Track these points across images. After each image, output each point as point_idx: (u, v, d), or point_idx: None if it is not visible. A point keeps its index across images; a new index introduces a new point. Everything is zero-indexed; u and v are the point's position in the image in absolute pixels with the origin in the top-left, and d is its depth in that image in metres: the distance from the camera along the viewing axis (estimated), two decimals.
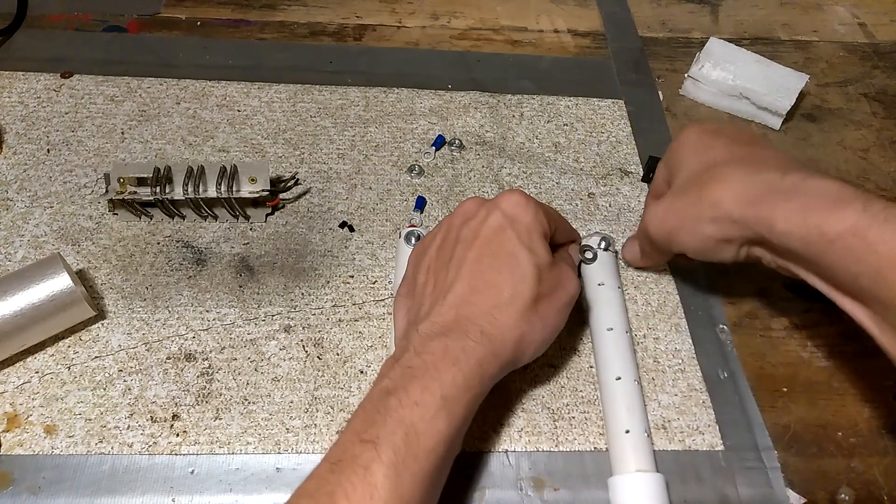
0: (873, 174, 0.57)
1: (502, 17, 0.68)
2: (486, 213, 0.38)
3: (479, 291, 0.36)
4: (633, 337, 0.45)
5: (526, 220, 0.38)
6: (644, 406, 0.40)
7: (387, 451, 0.30)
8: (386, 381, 0.33)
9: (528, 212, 0.38)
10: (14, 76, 0.56)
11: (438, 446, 0.31)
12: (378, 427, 0.31)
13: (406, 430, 0.30)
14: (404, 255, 0.44)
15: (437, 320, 0.35)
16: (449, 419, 0.32)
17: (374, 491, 0.29)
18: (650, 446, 0.38)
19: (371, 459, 0.29)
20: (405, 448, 0.30)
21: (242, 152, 0.53)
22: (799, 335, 0.47)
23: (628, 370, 0.41)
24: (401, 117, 0.57)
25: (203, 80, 0.57)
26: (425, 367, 0.33)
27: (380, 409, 0.32)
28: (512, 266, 0.36)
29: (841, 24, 0.71)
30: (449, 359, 0.33)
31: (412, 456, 0.30)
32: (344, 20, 0.65)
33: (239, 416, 0.40)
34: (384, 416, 0.31)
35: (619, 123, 0.58)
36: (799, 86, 0.58)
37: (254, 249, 0.47)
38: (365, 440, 0.30)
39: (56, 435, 0.38)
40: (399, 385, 0.32)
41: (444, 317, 0.35)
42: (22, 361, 0.41)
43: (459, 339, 0.34)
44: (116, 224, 0.48)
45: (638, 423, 0.38)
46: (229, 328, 0.43)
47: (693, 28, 0.69)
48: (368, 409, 0.32)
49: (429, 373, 0.32)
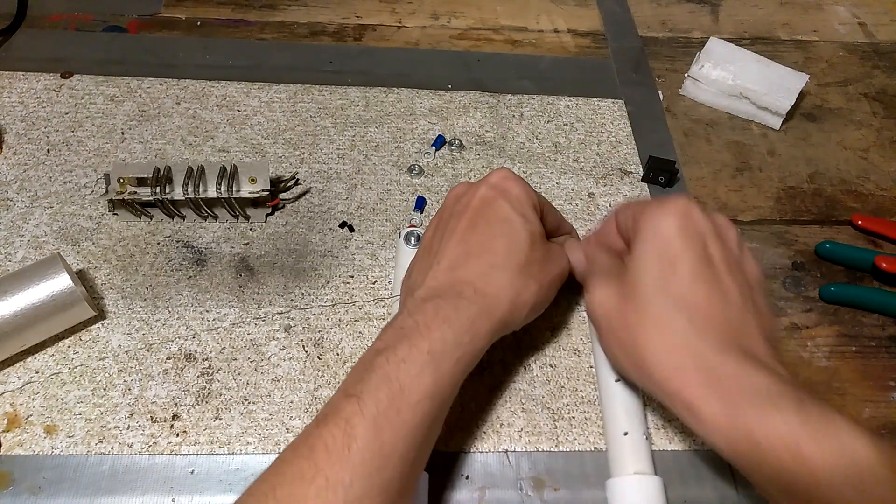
0: (873, 174, 0.57)
1: (502, 17, 0.68)
2: (476, 188, 0.39)
3: (473, 254, 0.36)
4: None
5: (516, 190, 0.39)
6: (643, 408, 0.40)
7: (369, 405, 0.30)
8: (378, 343, 0.34)
9: (517, 184, 0.39)
10: (14, 76, 0.56)
11: (423, 401, 0.31)
12: (363, 383, 0.31)
13: (390, 384, 0.31)
14: (404, 254, 0.44)
15: (432, 284, 0.36)
16: (436, 374, 0.32)
17: (353, 442, 0.29)
18: (648, 449, 0.38)
19: (353, 413, 0.30)
20: (387, 402, 0.30)
21: (242, 152, 0.53)
22: (799, 335, 0.47)
23: None
24: (401, 117, 0.57)
25: (203, 80, 0.57)
26: (416, 327, 0.33)
27: (367, 367, 0.32)
28: (506, 230, 0.37)
29: (841, 23, 0.71)
30: (440, 317, 0.33)
31: (395, 409, 0.30)
32: (344, 20, 0.65)
33: (239, 416, 0.40)
34: (370, 373, 0.32)
35: (619, 123, 0.58)
36: (799, 86, 0.58)
37: (254, 249, 0.47)
38: (349, 395, 0.31)
39: (56, 435, 0.38)
40: (389, 345, 0.33)
41: (439, 280, 0.36)
42: (22, 361, 0.41)
43: (452, 299, 0.34)
44: (116, 224, 0.48)
45: (636, 426, 0.38)
46: (229, 328, 0.43)
47: (693, 28, 0.69)
48: (358, 368, 0.33)
49: (419, 331, 0.33)
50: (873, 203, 0.55)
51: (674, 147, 0.57)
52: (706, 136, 0.59)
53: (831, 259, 0.51)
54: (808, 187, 0.55)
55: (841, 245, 0.51)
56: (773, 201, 0.54)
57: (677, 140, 0.58)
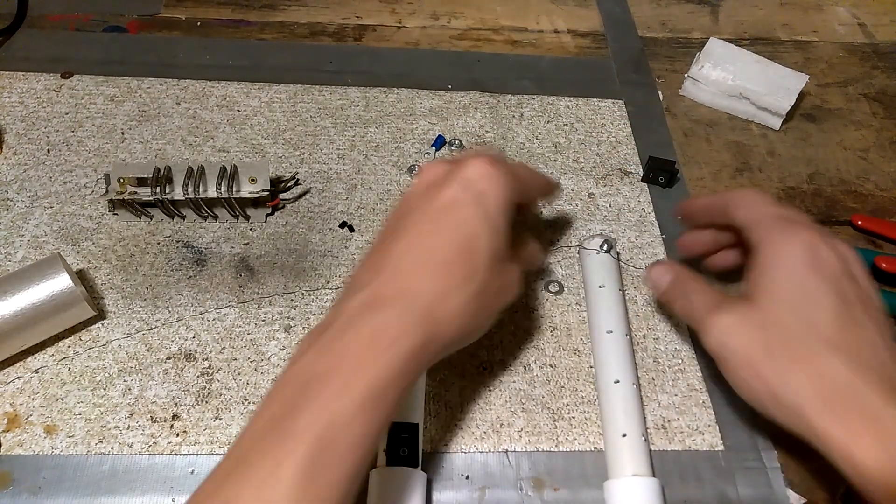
0: (873, 174, 0.57)
1: (502, 18, 0.68)
2: (449, 182, 0.34)
3: (428, 268, 0.32)
4: (633, 338, 0.45)
5: (494, 195, 0.34)
6: (642, 410, 0.40)
7: (300, 448, 0.26)
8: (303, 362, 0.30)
9: (497, 185, 0.34)
10: (14, 76, 0.56)
11: (365, 436, 0.28)
12: (293, 421, 0.27)
13: (326, 421, 0.27)
14: None
15: (378, 290, 0.31)
16: (379, 408, 0.29)
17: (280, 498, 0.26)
18: (647, 451, 0.38)
19: (286, 454, 0.26)
20: (327, 443, 0.27)
21: (242, 152, 0.53)
22: None
23: (627, 373, 0.40)
24: (401, 117, 0.57)
25: (203, 80, 0.57)
26: (347, 355, 0.29)
27: (296, 399, 0.28)
28: (470, 248, 0.33)
29: (841, 24, 0.71)
30: (379, 346, 0.29)
31: (330, 450, 0.27)
32: (344, 20, 0.65)
33: (239, 416, 0.40)
34: (301, 408, 0.28)
35: (619, 123, 0.58)
36: (799, 86, 0.58)
37: (254, 249, 0.47)
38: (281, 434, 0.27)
39: (56, 435, 0.38)
40: (320, 370, 0.29)
41: (385, 287, 0.31)
42: (22, 361, 0.41)
43: (396, 318, 0.30)
44: (116, 224, 0.48)
45: (635, 427, 0.38)
46: (229, 328, 0.43)
47: (693, 28, 0.69)
48: (283, 394, 0.29)
49: (351, 361, 0.29)
50: (873, 203, 0.55)
51: (674, 147, 0.57)
52: (706, 137, 0.59)
53: None
54: (807, 188, 0.55)
55: None
56: None
57: (677, 140, 0.58)
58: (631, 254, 0.49)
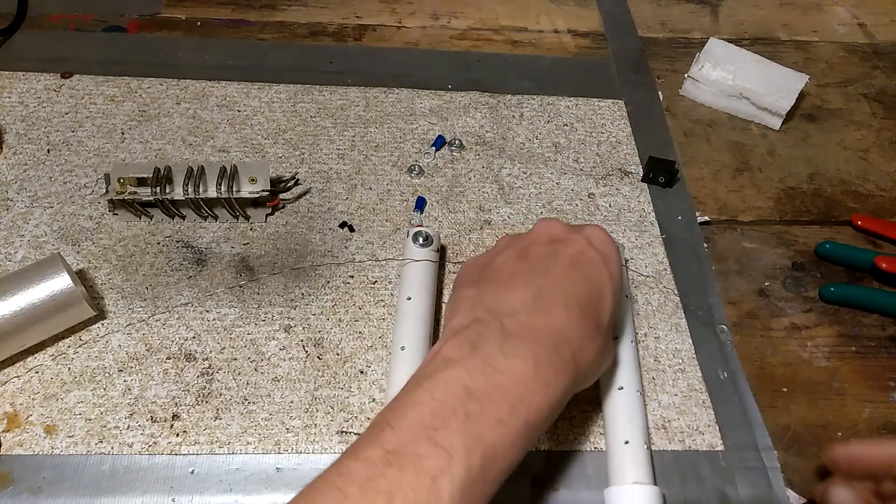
0: (873, 174, 0.57)
1: (502, 17, 0.68)
2: (575, 237, 0.36)
3: (572, 312, 0.33)
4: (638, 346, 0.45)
5: (615, 261, 0.36)
6: (645, 417, 0.40)
7: (459, 469, 0.27)
8: (461, 371, 0.29)
9: (617, 254, 0.36)
10: (14, 76, 0.56)
11: (506, 473, 0.29)
12: (452, 433, 0.27)
13: (484, 448, 0.27)
14: (410, 254, 0.44)
15: (526, 321, 0.32)
16: (525, 446, 0.29)
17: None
18: (649, 458, 0.38)
19: (440, 471, 0.26)
20: (479, 469, 0.27)
21: (242, 152, 0.53)
22: (799, 335, 0.47)
23: (631, 380, 0.40)
24: (401, 117, 0.57)
25: (203, 80, 0.57)
26: (514, 380, 0.29)
27: (456, 410, 0.28)
28: (600, 301, 0.35)
29: (841, 24, 0.71)
30: (541, 379, 0.30)
31: (483, 478, 0.27)
32: (344, 20, 0.65)
33: (239, 416, 0.40)
34: (460, 422, 0.28)
35: (619, 123, 0.58)
36: (799, 86, 0.58)
37: (254, 249, 0.47)
38: (438, 444, 0.27)
39: (56, 435, 0.38)
40: (481, 388, 0.29)
41: (535, 321, 0.32)
42: (22, 361, 0.41)
43: (550, 358, 0.31)
44: (116, 224, 0.48)
45: (638, 435, 0.38)
46: (229, 328, 0.43)
47: (693, 28, 0.69)
48: (439, 398, 0.29)
49: (517, 389, 0.29)
50: (873, 203, 0.55)
51: (674, 147, 0.57)
52: (706, 137, 0.59)
53: (831, 259, 0.51)
54: (807, 188, 0.55)
55: (841, 245, 0.51)
56: (773, 202, 0.54)
57: (677, 140, 0.58)
58: (631, 254, 0.49)
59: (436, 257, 0.45)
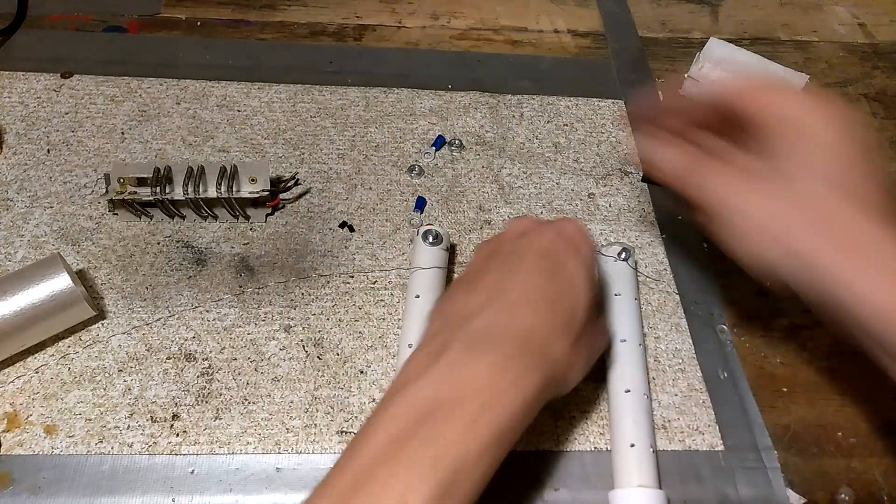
0: None
1: (502, 17, 0.68)
2: (543, 230, 0.36)
3: (537, 305, 0.33)
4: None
5: (585, 250, 0.36)
6: (652, 421, 0.40)
7: (429, 484, 0.26)
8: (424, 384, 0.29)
9: (587, 243, 0.36)
10: (14, 76, 0.56)
11: (483, 479, 0.28)
12: (418, 448, 0.27)
13: (454, 459, 0.27)
14: (420, 252, 0.44)
15: (492, 321, 0.32)
16: (500, 450, 0.29)
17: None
18: (654, 462, 0.38)
19: (409, 488, 0.26)
20: (451, 481, 0.27)
21: (242, 152, 0.53)
22: (799, 335, 0.47)
23: (638, 383, 0.40)
24: (401, 117, 0.57)
25: (203, 80, 0.57)
26: (480, 384, 0.29)
27: (422, 424, 0.28)
28: (571, 293, 0.34)
29: (841, 24, 0.71)
30: (508, 379, 0.30)
31: (456, 490, 0.27)
32: (344, 20, 0.65)
33: (239, 416, 0.40)
34: (427, 437, 0.28)
35: (619, 123, 0.58)
36: (799, 86, 0.58)
37: (254, 249, 0.47)
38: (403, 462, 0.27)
39: (56, 435, 0.38)
40: (446, 396, 0.29)
41: (499, 320, 0.32)
42: (22, 361, 0.41)
43: (517, 356, 0.30)
44: (116, 224, 0.48)
45: (644, 438, 0.38)
46: (229, 328, 0.43)
47: (693, 28, 0.69)
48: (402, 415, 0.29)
49: (484, 392, 0.29)
50: None
51: None
52: None
53: None
54: None
55: None
56: None
57: None
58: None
59: (445, 258, 0.45)
